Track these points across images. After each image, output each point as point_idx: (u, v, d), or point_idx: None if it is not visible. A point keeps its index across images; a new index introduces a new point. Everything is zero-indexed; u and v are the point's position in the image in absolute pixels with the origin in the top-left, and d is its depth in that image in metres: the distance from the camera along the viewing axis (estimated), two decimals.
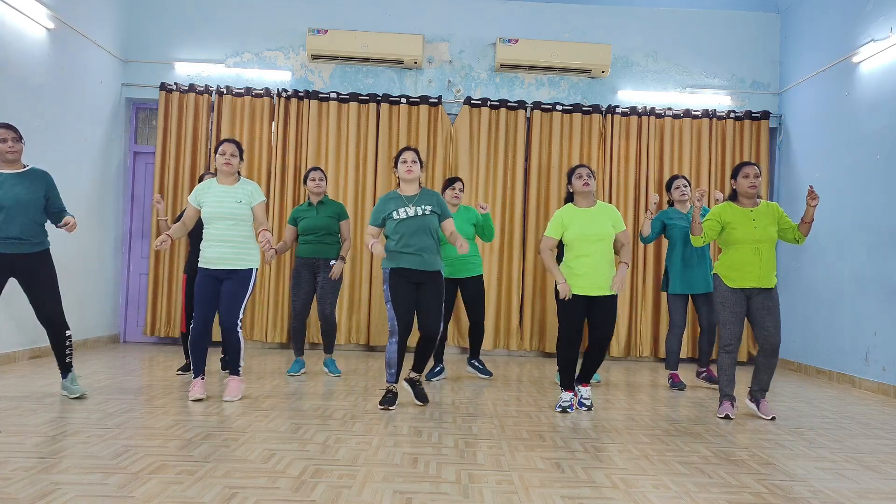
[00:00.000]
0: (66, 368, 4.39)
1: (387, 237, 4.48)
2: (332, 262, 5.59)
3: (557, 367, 4.61)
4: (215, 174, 5.56)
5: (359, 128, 7.45)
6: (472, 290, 5.55)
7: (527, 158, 7.57)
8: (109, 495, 2.59)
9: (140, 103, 7.68)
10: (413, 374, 4.58)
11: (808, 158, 7.10)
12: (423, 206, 4.38)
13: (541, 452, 3.41)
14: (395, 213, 4.37)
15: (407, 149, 4.51)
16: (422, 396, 4.54)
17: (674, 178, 5.72)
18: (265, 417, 3.98)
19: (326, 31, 7.23)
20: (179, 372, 5.48)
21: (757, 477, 3.13)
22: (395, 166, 4.51)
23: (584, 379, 4.57)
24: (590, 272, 4.36)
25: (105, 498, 2.56)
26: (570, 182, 4.54)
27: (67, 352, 4.40)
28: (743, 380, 6.09)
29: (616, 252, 4.50)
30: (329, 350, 5.76)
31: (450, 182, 5.55)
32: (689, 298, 5.62)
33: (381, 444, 3.48)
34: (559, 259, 4.79)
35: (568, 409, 4.41)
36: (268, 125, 7.43)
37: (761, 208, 4.45)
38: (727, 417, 4.40)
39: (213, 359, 6.02)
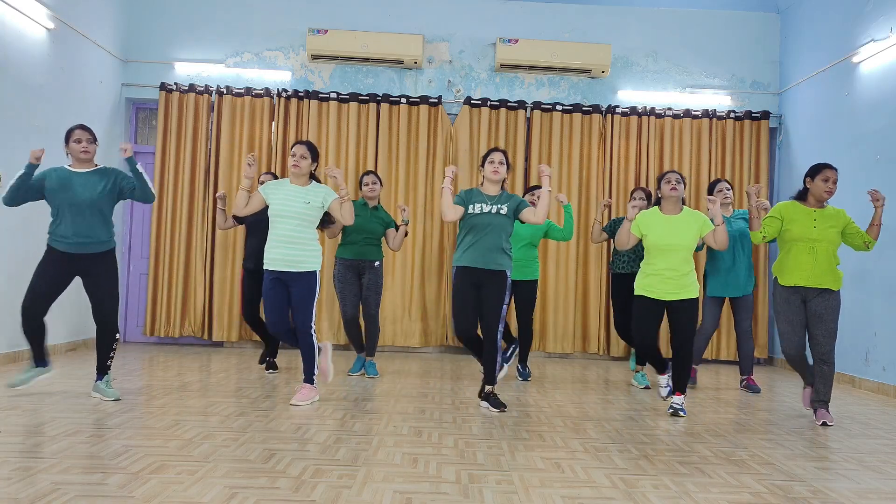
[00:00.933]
0: (103, 370, 4.42)
1: (459, 230, 4.48)
2: (377, 263, 5.57)
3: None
4: (274, 174, 5.64)
5: (359, 128, 7.45)
6: (525, 293, 5.59)
7: (527, 158, 7.57)
8: (109, 495, 2.59)
9: (140, 103, 7.68)
10: (487, 389, 4.49)
11: (808, 158, 7.08)
12: (500, 206, 4.38)
13: (541, 452, 3.41)
14: (471, 207, 4.37)
15: (496, 150, 4.51)
16: (498, 404, 4.42)
17: (717, 181, 5.66)
18: (265, 417, 3.98)
19: (326, 31, 7.23)
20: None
21: (757, 477, 3.13)
22: (482, 166, 4.50)
23: (679, 389, 4.51)
24: (665, 277, 4.35)
25: (105, 498, 2.56)
26: (659, 187, 4.53)
27: (111, 354, 4.44)
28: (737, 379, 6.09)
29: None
30: (372, 353, 5.70)
31: (531, 189, 5.79)
32: (724, 302, 5.60)
33: (381, 444, 3.48)
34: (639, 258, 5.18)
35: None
36: (268, 125, 7.43)
37: (827, 211, 4.38)
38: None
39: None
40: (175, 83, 7.37)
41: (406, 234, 5.66)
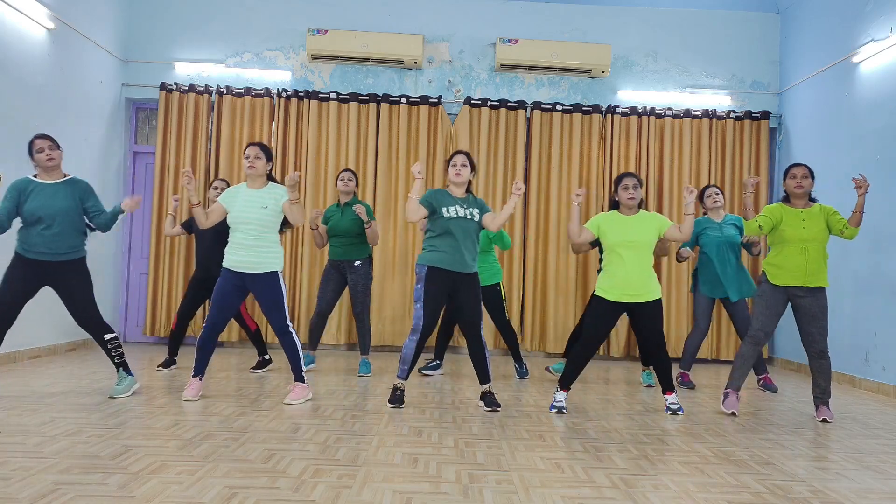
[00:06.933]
0: (116, 368, 4.53)
1: (429, 231, 4.45)
2: (357, 263, 5.62)
3: (565, 364, 4.58)
4: (226, 181, 5.69)
5: (359, 128, 7.45)
6: (489, 296, 5.64)
7: (527, 158, 7.57)
8: (109, 495, 2.59)
9: (140, 103, 7.68)
10: (484, 387, 4.52)
11: (808, 158, 7.09)
12: (471, 210, 4.43)
13: (541, 452, 3.41)
14: (445, 210, 4.37)
15: (459, 152, 4.53)
16: (493, 403, 4.44)
17: (706, 187, 5.73)
18: (265, 417, 3.98)
19: (326, 31, 7.23)
20: (160, 368, 5.54)
21: (757, 477, 3.13)
22: (447, 169, 4.54)
23: (667, 388, 4.54)
24: (624, 280, 4.35)
25: (105, 498, 2.56)
26: (615, 191, 4.55)
27: (114, 353, 4.50)
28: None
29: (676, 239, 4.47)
30: (365, 351, 5.78)
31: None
32: (715, 303, 5.62)
33: (381, 444, 3.48)
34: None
35: (563, 410, 4.41)
36: (268, 125, 7.43)
37: (814, 210, 4.49)
38: (733, 414, 4.40)
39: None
40: (175, 83, 7.37)
41: (370, 227, 5.58)
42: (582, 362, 4.46)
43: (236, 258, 4.39)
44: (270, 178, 4.56)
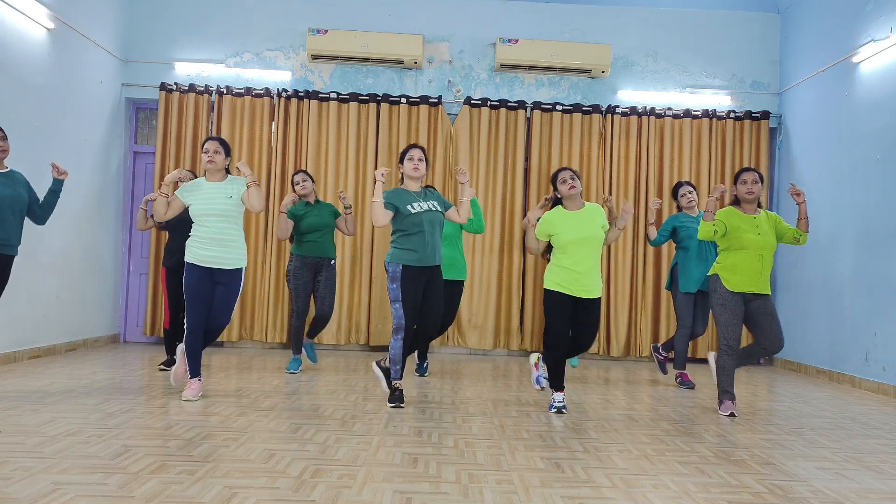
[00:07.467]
0: None
1: (398, 231, 4.43)
2: (333, 261, 5.68)
3: (546, 368, 4.59)
4: (193, 173, 5.71)
5: (359, 128, 7.45)
6: (449, 292, 5.54)
7: (527, 158, 7.57)
8: (109, 495, 2.59)
9: (140, 103, 7.67)
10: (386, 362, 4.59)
11: (808, 158, 7.10)
12: (431, 202, 4.46)
13: (541, 452, 3.41)
14: (409, 207, 4.37)
15: (414, 146, 4.55)
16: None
17: (679, 185, 5.76)
18: (265, 417, 3.98)
19: (326, 31, 7.23)
20: (162, 367, 5.54)
21: (757, 477, 3.13)
22: (401, 163, 4.55)
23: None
24: (578, 275, 4.35)
25: (105, 498, 2.56)
26: (555, 188, 4.54)
27: None
28: (740, 379, 6.10)
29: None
30: (312, 335, 5.80)
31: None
32: (695, 300, 5.64)
33: (381, 444, 3.48)
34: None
35: (563, 410, 4.41)
36: (268, 125, 7.43)
37: (762, 216, 4.51)
38: (732, 415, 4.43)
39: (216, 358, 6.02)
40: (175, 83, 7.37)
41: (350, 213, 5.68)
42: (559, 362, 4.46)
43: (205, 253, 4.35)
44: (228, 172, 4.58)
